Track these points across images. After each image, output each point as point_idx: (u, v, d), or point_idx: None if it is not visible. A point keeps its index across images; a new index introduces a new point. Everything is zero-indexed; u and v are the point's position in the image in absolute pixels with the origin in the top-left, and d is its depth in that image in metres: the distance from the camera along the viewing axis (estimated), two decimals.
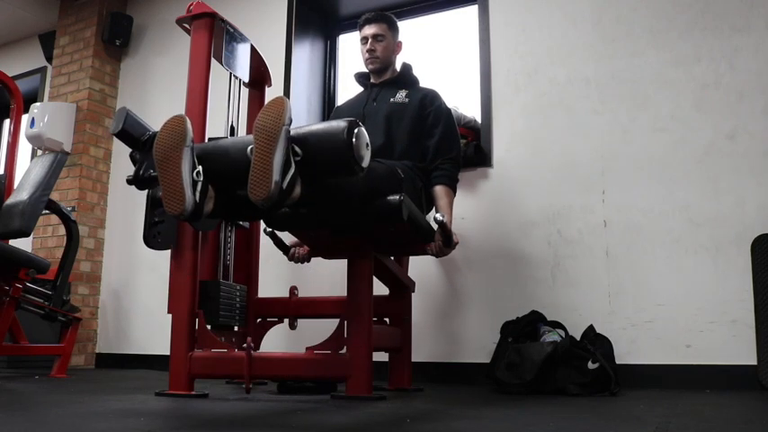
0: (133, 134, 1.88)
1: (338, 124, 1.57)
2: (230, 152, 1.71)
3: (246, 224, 2.66)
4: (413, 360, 2.56)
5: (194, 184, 1.63)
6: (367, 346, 1.95)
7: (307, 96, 3.73)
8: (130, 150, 1.91)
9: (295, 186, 1.56)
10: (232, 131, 2.52)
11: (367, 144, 1.59)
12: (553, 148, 2.93)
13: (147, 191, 2.17)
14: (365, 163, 1.58)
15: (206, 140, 2.18)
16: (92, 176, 4.06)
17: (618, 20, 2.92)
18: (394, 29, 2.61)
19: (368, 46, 2.57)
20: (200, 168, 1.65)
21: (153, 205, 2.21)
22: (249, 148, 1.55)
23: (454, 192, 2.46)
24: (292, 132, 1.57)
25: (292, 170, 1.54)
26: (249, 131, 2.73)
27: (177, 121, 1.66)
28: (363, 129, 1.59)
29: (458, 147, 2.52)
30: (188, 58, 2.30)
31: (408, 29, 3.53)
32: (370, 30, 2.57)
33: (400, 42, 2.64)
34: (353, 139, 1.54)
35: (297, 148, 1.56)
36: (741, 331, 2.46)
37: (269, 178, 1.49)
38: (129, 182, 1.88)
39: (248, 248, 2.70)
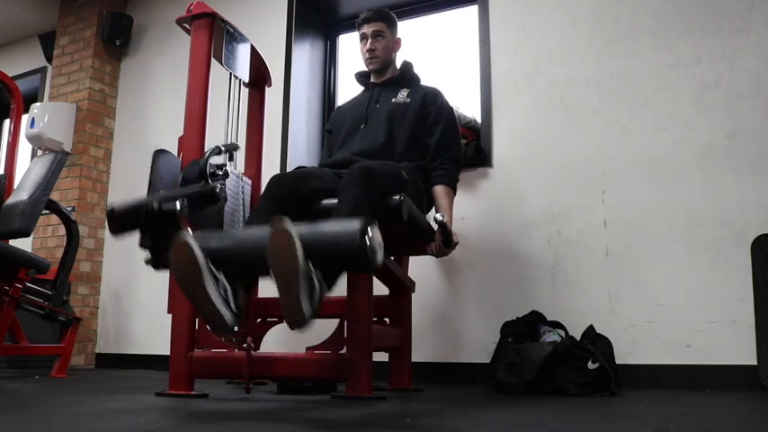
0: (129, 219, 1.66)
1: (351, 229, 1.51)
2: (245, 256, 1.64)
3: None
4: (413, 360, 2.56)
5: (227, 301, 1.59)
6: (367, 346, 1.95)
7: (307, 96, 3.73)
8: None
9: (323, 295, 1.55)
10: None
11: (380, 244, 1.55)
12: (553, 148, 2.93)
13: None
14: (379, 261, 1.54)
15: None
16: (92, 176, 4.06)
17: (618, 20, 2.92)
18: (393, 26, 2.59)
19: (367, 45, 2.55)
20: (226, 284, 1.60)
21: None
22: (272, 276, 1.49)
23: (454, 192, 2.45)
24: (305, 242, 1.49)
25: (317, 291, 1.52)
26: (249, 132, 2.74)
27: (185, 251, 1.51)
28: (377, 230, 1.54)
29: (458, 146, 2.51)
30: (188, 58, 2.29)
31: (408, 29, 3.53)
32: (368, 28, 2.55)
33: (399, 39, 2.62)
34: (367, 243, 1.50)
35: (317, 275, 1.52)
36: (741, 331, 2.46)
37: (301, 313, 1.48)
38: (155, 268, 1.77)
39: None
